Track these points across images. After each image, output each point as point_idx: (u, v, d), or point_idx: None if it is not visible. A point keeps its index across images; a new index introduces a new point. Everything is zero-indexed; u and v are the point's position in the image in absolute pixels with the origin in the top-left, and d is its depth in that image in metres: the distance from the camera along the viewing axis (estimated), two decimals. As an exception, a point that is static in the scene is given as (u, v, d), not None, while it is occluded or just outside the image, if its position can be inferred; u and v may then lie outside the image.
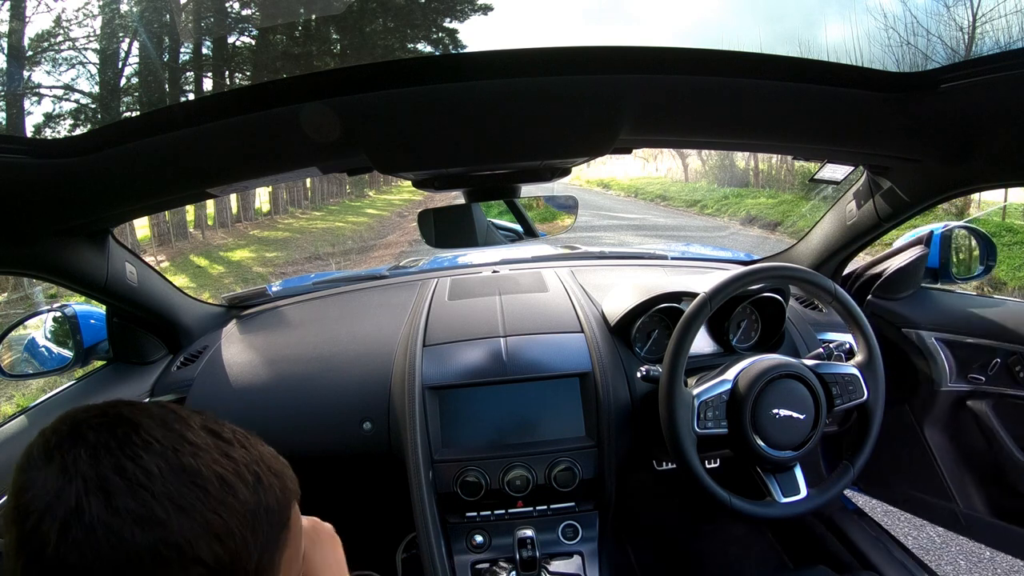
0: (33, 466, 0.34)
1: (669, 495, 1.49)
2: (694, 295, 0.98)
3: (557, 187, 1.17)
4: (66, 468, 0.33)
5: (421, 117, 0.69)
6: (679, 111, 0.77)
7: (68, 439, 0.35)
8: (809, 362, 0.99)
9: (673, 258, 1.61)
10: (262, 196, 13.03)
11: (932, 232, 1.25)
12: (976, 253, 1.30)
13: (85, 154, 0.70)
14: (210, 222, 11.19)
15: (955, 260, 1.27)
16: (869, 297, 1.28)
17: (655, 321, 1.18)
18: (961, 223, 1.29)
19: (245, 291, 1.49)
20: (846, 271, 1.37)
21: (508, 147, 0.77)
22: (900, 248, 1.28)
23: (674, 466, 1.14)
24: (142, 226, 9.63)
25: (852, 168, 1.05)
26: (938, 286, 1.30)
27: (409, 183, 0.94)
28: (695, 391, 0.95)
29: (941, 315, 1.21)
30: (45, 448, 0.34)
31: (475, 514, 1.05)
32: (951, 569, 1.79)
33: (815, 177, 1.11)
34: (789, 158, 1.18)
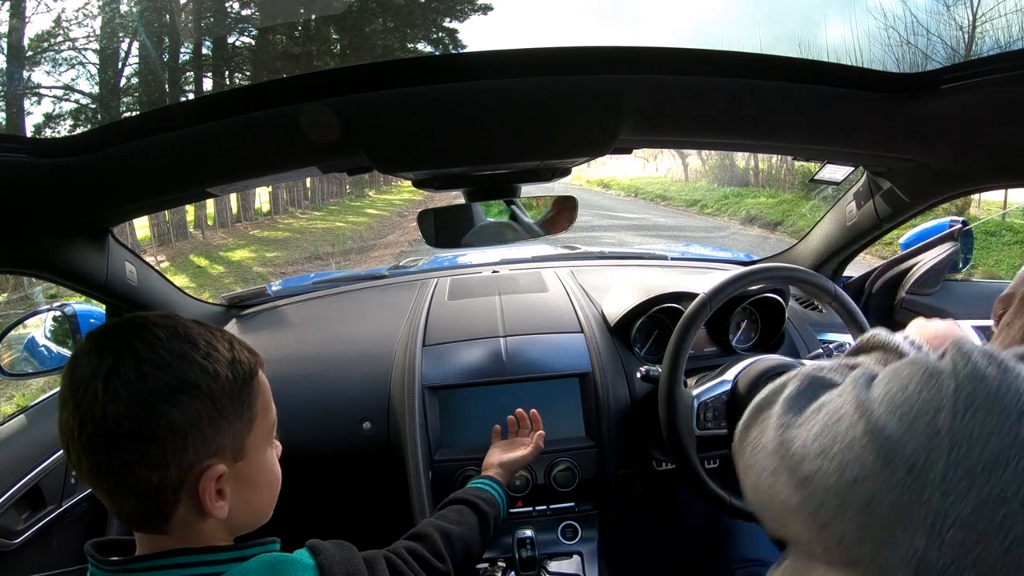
0: (78, 356, 0.49)
1: (669, 495, 1.49)
2: (694, 295, 0.98)
3: (557, 187, 1.17)
4: (103, 349, 0.48)
5: (421, 117, 0.69)
6: (679, 111, 0.77)
7: (98, 336, 0.50)
8: (809, 362, 0.99)
9: (673, 258, 1.61)
10: (262, 196, 13.02)
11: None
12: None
13: (85, 154, 0.70)
14: (210, 222, 11.18)
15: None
16: (903, 295, 1.30)
17: (655, 321, 1.18)
18: (951, 219, 1.32)
19: (245, 291, 1.49)
20: (849, 272, 1.38)
21: (508, 147, 0.77)
22: (926, 246, 1.30)
23: (674, 466, 1.13)
24: (142, 226, 9.62)
25: (852, 168, 1.05)
26: (957, 277, 1.34)
27: (409, 183, 0.94)
28: (695, 391, 0.95)
29: (971, 303, 1.24)
30: (85, 347, 0.49)
31: (475, 514, 1.05)
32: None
33: (815, 177, 1.11)
34: (789, 158, 1.18)
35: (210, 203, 10.77)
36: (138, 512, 0.49)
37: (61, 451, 0.97)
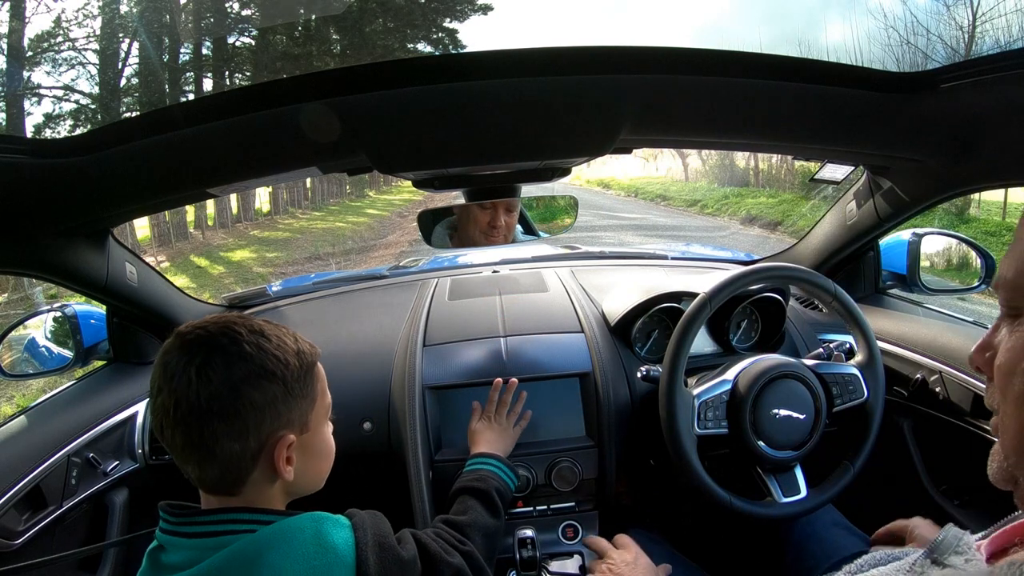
0: (169, 351, 0.57)
1: (669, 495, 1.49)
2: (694, 295, 0.98)
3: (557, 187, 1.17)
4: (193, 345, 0.57)
5: (421, 117, 0.69)
6: (679, 111, 0.77)
7: (187, 335, 0.58)
8: (809, 362, 0.99)
9: (673, 258, 1.60)
10: (262, 196, 13.03)
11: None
12: (976, 266, 1.27)
13: (85, 154, 0.70)
14: (210, 222, 11.18)
15: (923, 269, 1.23)
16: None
17: (655, 321, 1.18)
18: (947, 232, 1.27)
19: (245, 291, 1.49)
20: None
21: (508, 147, 0.77)
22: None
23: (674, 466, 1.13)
24: (142, 226, 9.63)
25: (852, 168, 1.04)
26: (907, 295, 1.27)
27: (409, 183, 0.94)
28: (695, 391, 0.95)
29: (877, 324, 1.13)
30: (174, 344, 0.58)
31: (475, 514, 1.05)
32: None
33: (815, 177, 1.11)
34: (789, 158, 1.18)
35: (210, 203, 10.78)
36: (220, 477, 0.58)
37: (62, 451, 0.97)
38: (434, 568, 0.66)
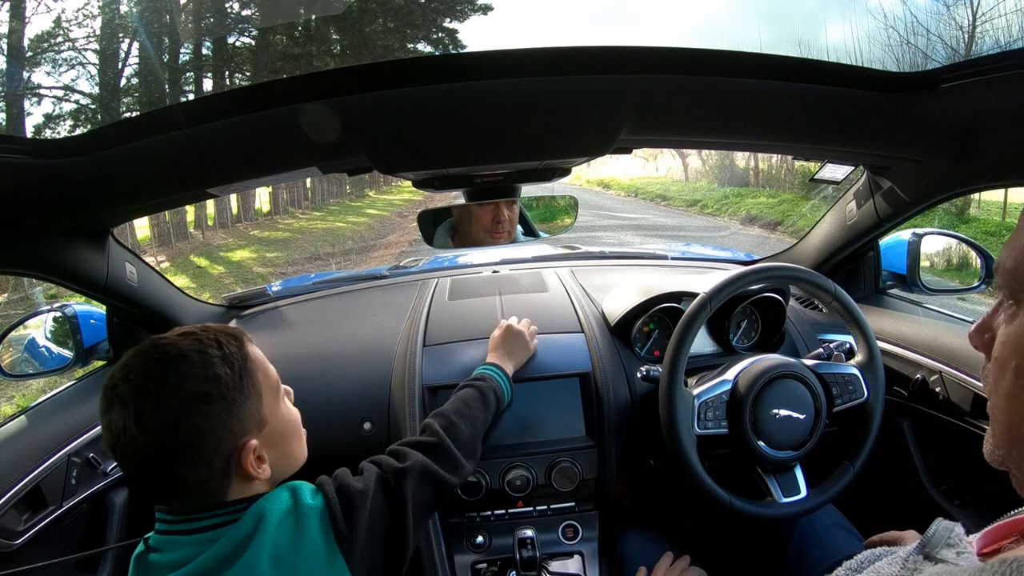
0: (106, 412, 0.56)
1: (669, 495, 1.49)
2: (694, 295, 0.98)
3: (557, 187, 1.17)
4: (123, 399, 0.55)
5: (421, 117, 0.69)
6: (679, 111, 0.77)
7: (113, 389, 0.57)
8: (809, 362, 0.99)
9: (673, 258, 1.60)
10: (262, 196, 13.03)
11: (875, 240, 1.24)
12: (976, 266, 1.27)
13: (85, 154, 0.70)
14: (210, 222, 11.18)
15: (923, 269, 1.24)
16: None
17: (655, 321, 1.18)
18: (947, 232, 1.27)
19: (245, 291, 1.49)
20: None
21: (508, 147, 0.77)
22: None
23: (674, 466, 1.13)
24: (142, 226, 9.62)
25: (852, 168, 1.05)
26: (907, 295, 1.27)
27: (409, 183, 0.94)
28: (695, 391, 0.95)
29: (877, 324, 1.13)
30: (107, 400, 0.57)
31: (475, 514, 1.05)
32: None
33: (815, 177, 1.11)
34: (789, 158, 1.18)
35: (210, 203, 10.78)
36: (203, 502, 0.59)
37: (62, 451, 0.97)
38: (394, 486, 0.70)
